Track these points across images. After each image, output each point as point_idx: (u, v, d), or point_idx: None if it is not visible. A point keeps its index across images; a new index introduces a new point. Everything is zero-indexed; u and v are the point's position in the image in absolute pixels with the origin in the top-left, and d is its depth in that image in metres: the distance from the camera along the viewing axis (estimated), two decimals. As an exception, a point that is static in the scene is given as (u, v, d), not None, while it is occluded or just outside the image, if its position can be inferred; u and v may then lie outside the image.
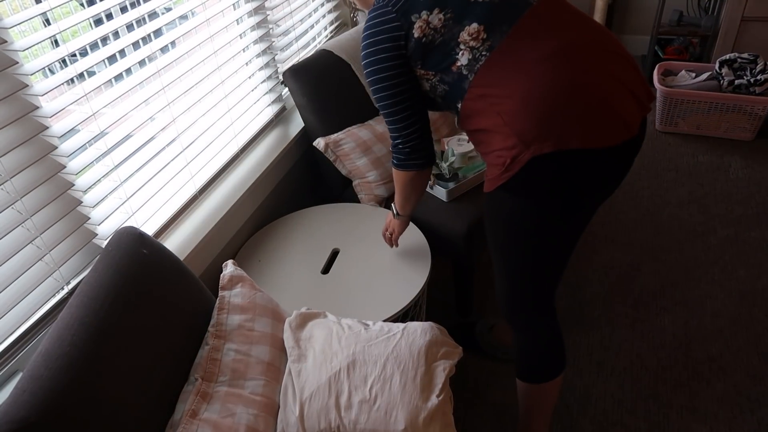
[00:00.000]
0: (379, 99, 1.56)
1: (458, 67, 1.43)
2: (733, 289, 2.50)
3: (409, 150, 1.62)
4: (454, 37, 1.42)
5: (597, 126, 1.34)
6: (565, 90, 1.34)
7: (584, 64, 1.36)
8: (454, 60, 1.43)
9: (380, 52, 1.49)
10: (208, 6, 1.95)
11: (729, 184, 3.15)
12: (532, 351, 1.73)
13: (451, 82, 1.46)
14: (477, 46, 1.40)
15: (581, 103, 1.34)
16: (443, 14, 1.42)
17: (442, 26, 1.42)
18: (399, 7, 1.45)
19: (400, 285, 1.86)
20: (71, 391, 1.07)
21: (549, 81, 1.34)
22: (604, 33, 1.45)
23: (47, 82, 1.39)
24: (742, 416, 2.00)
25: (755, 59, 3.41)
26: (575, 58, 1.36)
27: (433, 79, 1.49)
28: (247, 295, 1.51)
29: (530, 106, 1.35)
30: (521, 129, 1.36)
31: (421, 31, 1.43)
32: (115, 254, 1.33)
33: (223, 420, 1.25)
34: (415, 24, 1.43)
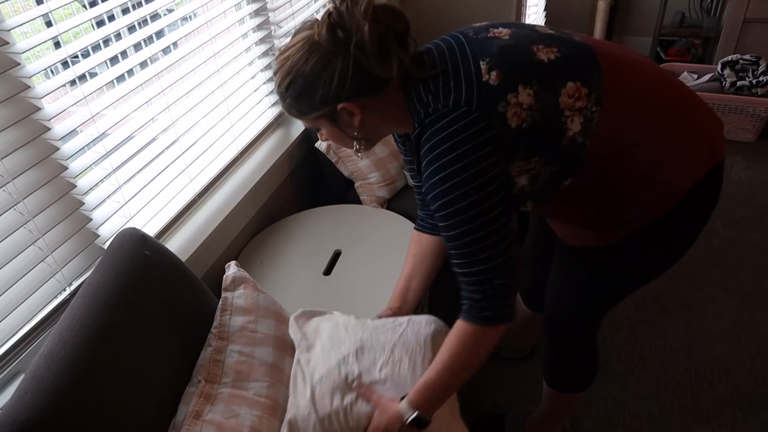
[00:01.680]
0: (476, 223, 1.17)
1: (572, 137, 1.18)
2: (735, 291, 2.50)
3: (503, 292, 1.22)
4: (554, 107, 1.17)
5: (716, 139, 1.29)
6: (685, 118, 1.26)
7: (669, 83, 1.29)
8: (564, 131, 1.18)
9: (482, 167, 1.14)
10: (210, 7, 1.95)
11: (731, 185, 3.15)
12: (573, 365, 1.72)
13: (562, 158, 1.21)
14: (584, 105, 1.17)
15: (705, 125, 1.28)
16: (530, 89, 1.15)
17: (536, 101, 1.15)
18: (478, 103, 1.14)
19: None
20: (73, 393, 1.07)
21: (666, 112, 1.25)
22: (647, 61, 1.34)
23: (49, 83, 1.39)
24: (743, 418, 2.00)
25: (757, 60, 3.41)
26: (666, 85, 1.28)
27: (536, 166, 1.21)
28: (250, 297, 1.50)
29: (675, 142, 1.24)
30: (674, 169, 1.25)
31: (518, 118, 1.15)
32: (117, 256, 1.33)
33: (227, 421, 1.25)
34: (508, 113, 1.14)
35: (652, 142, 1.22)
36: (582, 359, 1.71)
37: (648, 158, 1.23)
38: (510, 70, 1.16)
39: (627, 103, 1.22)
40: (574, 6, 4.57)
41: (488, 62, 1.16)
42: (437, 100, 1.16)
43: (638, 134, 1.22)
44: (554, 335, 1.67)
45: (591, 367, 1.74)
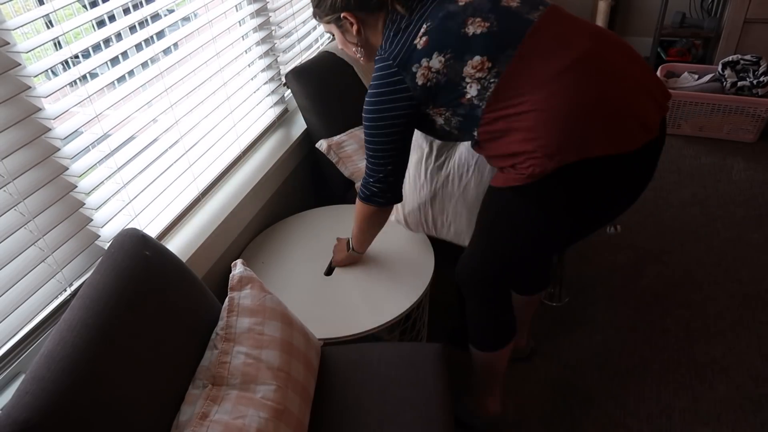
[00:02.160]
0: (371, 137, 1.59)
1: (468, 99, 1.45)
2: (736, 291, 2.50)
3: (382, 187, 1.66)
4: (458, 74, 1.43)
5: (618, 131, 1.37)
6: (585, 100, 1.36)
7: (602, 71, 1.38)
8: (462, 94, 1.45)
9: (386, 105, 1.52)
10: (211, 8, 1.95)
11: (732, 185, 3.15)
12: (485, 322, 1.80)
13: (464, 113, 1.48)
14: (484, 76, 1.41)
15: (602, 111, 1.36)
16: (443, 56, 1.43)
17: (444, 67, 1.43)
18: (399, 62, 1.48)
19: (404, 287, 1.86)
20: (74, 393, 1.07)
21: (569, 92, 1.36)
22: (613, 38, 1.47)
23: (50, 84, 1.39)
24: (744, 418, 2.00)
25: (758, 61, 3.41)
26: (592, 66, 1.38)
27: (446, 113, 1.51)
28: (257, 298, 1.50)
29: (552, 119, 1.36)
30: (544, 141, 1.38)
31: (424, 77, 1.45)
32: (117, 256, 1.33)
33: (234, 421, 1.25)
34: (417, 73, 1.45)
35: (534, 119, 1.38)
36: (492, 313, 1.78)
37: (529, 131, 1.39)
38: (436, 38, 1.44)
39: (522, 83, 1.39)
40: (575, 6, 4.57)
41: (427, 27, 1.45)
42: (386, 46, 1.51)
43: (525, 107, 1.39)
44: (464, 286, 1.78)
45: (504, 324, 1.80)
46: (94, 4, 1.52)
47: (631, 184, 1.49)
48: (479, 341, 1.83)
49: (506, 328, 1.81)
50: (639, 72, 1.43)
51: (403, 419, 1.48)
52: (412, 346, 1.69)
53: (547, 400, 2.12)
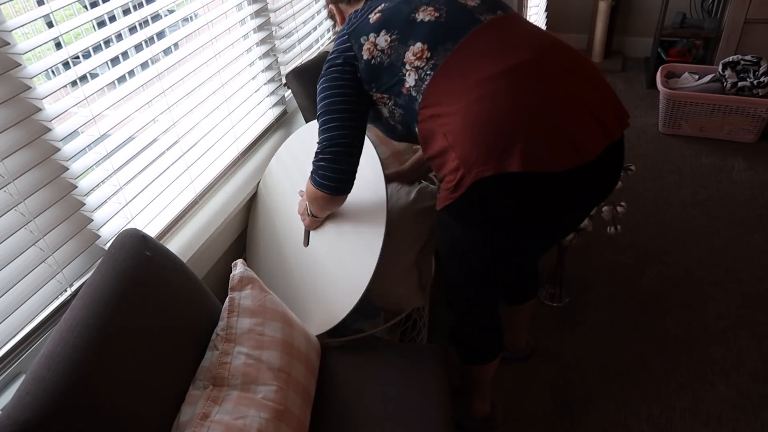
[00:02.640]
0: (320, 107, 1.53)
1: (407, 89, 1.44)
2: (736, 292, 2.50)
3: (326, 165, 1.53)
4: (399, 57, 1.43)
5: (542, 148, 1.28)
6: (510, 111, 1.29)
7: (537, 84, 1.31)
8: (402, 81, 1.44)
9: (333, 70, 1.52)
10: (211, 8, 1.95)
11: (732, 186, 3.15)
12: (468, 338, 1.80)
13: (403, 104, 1.47)
14: (422, 66, 1.41)
15: (527, 124, 1.29)
16: (389, 36, 1.45)
17: (389, 47, 1.44)
18: (352, 30, 1.51)
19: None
20: (74, 394, 1.07)
21: (493, 101, 1.30)
22: (568, 53, 1.40)
23: (50, 84, 1.39)
24: (745, 418, 2.00)
25: (758, 61, 3.41)
26: (526, 78, 1.32)
27: (389, 102, 1.51)
28: (257, 298, 1.50)
29: (473, 128, 1.31)
30: (463, 151, 1.32)
31: (369, 53, 1.47)
32: (118, 256, 1.33)
33: (235, 422, 1.25)
34: (364, 46, 1.47)
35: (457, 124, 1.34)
36: (473, 330, 1.77)
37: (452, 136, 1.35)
38: (387, 17, 1.47)
39: (454, 82, 1.36)
40: (575, 7, 4.57)
41: (384, 6, 1.50)
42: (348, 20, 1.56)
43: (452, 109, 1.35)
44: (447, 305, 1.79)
45: (488, 340, 1.79)
46: (94, 4, 1.52)
47: (566, 204, 1.38)
48: (465, 355, 1.84)
49: (491, 344, 1.81)
50: (586, 92, 1.35)
51: (403, 419, 1.48)
52: (412, 346, 1.69)
53: (548, 400, 2.12)
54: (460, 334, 1.81)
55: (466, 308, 1.72)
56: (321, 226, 1.85)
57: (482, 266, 1.55)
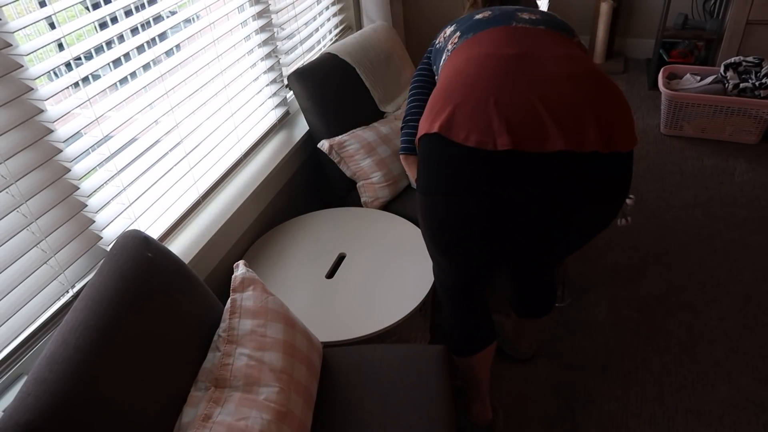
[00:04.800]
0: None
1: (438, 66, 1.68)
2: (738, 293, 2.49)
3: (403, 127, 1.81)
4: (446, 42, 1.66)
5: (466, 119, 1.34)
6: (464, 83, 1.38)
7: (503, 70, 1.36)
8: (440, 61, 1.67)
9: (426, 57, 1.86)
10: (213, 9, 1.95)
11: (734, 187, 3.14)
12: (455, 328, 1.81)
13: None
14: (449, 48, 1.61)
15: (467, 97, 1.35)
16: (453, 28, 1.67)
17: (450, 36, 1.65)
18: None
19: (406, 289, 1.86)
20: (75, 395, 1.07)
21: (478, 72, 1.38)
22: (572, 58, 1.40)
23: (52, 85, 1.39)
24: (747, 420, 2.00)
25: (760, 62, 3.41)
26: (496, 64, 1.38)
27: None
28: (259, 299, 1.50)
29: (447, 89, 1.41)
30: (432, 105, 1.43)
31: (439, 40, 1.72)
32: (119, 257, 1.33)
33: (237, 423, 1.25)
34: (439, 35, 1.74)
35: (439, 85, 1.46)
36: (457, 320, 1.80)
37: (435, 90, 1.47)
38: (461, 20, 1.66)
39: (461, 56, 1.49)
40: (577, 8, 4.57)
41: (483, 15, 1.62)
42: None
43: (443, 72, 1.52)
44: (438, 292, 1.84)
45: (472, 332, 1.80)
46: (96, 6, 1.52)
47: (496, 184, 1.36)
48: (452, 346, 1.84)
49: (477, 335, 1.80)
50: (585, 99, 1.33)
51: (405, 420, 1.48)
52: (414, 347, 1.69)
53: (550, 401, 2.12)
54: (447, 325, 1.83)
55: (449, 293, 1.76)
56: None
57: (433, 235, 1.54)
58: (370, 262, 1.98)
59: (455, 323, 1.80)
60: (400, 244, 2.04)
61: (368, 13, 2.89)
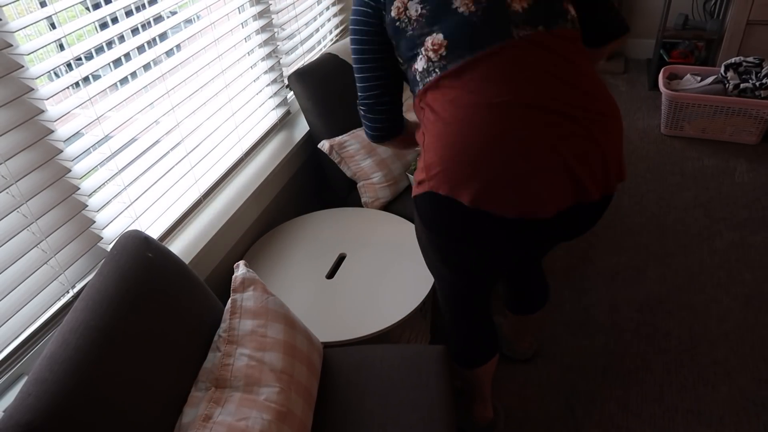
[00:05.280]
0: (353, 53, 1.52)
1: (415, 70, 1.41)
2: (739, 293, 2.49)
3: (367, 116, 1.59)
4: (421, 38, 1.37)
5: (499, 191, 1.28)
6: (483, 148, 1.27)
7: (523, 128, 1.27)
8: (415, 59, 1.40)
9: (360, 19, 1.46)
10: (214, 10, 1.95)
11: (734, 187, 3.14)
12: (460, 342, 1.79)
13: (409, 79, 1.46)
14: (433, 59, 1.35)
15: (495, 164, 1.27)
16: (421, 7, 1.36)
17: (415, 20, 1.37)
18: None
19: (406, 290, 1.86)
20: (76, 395, 1.07)
21: (475, 131, 1.28)
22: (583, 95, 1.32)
23: (52, 85, 1.39)
24: (747, 420, 2.00)
25: (761, 63, 3.40)
26: (516, 118, 1.27)
27: (404, 66, 1.47)
28: (259, 299, 1.50)
29: (446, 147, 1.31)
30: (430, 161, 1.34)
31: (397, 12, 1.39)
32: (120, 258, 1.33)
33: (237, 423, 1.25)
34: (394, 3, 1.39)
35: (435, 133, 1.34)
36: (461, 334, 1.77)
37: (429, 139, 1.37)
38: None
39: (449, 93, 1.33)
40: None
41: None
42: None
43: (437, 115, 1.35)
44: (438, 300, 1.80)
45: (476, 345, 1.78)
46: (97, 6, 1.52)
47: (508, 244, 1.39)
48: (457, 358, 1.83)
49: (481, 348, 1.79)
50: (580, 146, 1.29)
51: (406, 421, 1.48)
52: (414, 347, 1.69)
53: (550, 401, 2.12)
54: (451, 338, 1.81)
55: (448, 307, 1.73)
56: None
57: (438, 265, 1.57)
58: (371, 262, 1.98)
59: (464, 337, 1.78)
60: (400, 245, 2.04)
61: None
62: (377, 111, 1.56)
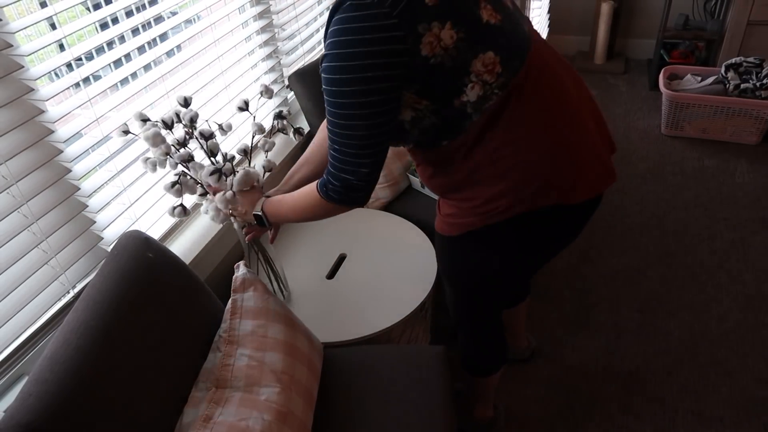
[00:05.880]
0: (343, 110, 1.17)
1: (462, 103, 1.20)
2: (739, 293, 2.49)
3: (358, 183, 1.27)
4: (465, 64, 1.16)
5: (591, 178, 1.34)
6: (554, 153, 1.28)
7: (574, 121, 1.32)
8: (461, 93, 1.18)
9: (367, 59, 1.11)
10: (214, 10, 1.95)
11: (735, 187, 3.14)
12: (474, 352, 1.81)
13: (447, 116, 1.23)
14: (490, 81, 1.18)
15: (563, 164, 1.29)
16: (455, 32, 1.13)
17: (454, 48, 1.13)
18: (400, 11, 1.08)
19: (407, 290, 1.86)
20: (77, 395, 1.07)
21: (548, 137, 1.27)
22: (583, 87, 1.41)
23: (53, 86, 1.39)
24: (748, 420, 2.00)
25: (761, 63, 3.40)
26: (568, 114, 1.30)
27: (421, 108, 1.22)
28: (259, 300, 1.50)
29: (526, 163, 1.27)
30: (518, 182, 1.28)
31: (431, 49, 1.12)
32: (120, 258, 1.33)
33: (238, 423, 1.25)
34: (424, 38, 1.10)
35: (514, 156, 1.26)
36: (480, 345, 1.79)
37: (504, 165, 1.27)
38: (450, 3, 1.12)
39: (515, 110, 1.24)
40: (578, 8, 4.57)
41: None
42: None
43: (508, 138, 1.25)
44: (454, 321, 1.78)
45: (492, 355, 1.82)
46: (97, 7, 1.52)
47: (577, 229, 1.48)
48: (470, 368, 1.85)
49: (497, 356, 1.82)
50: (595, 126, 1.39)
51: (406, 421, 1.48)
52: (414, 348, 1.69)
53: (551, 402, 2.12)
54: (466, 349, 1.82)
55: (477, 327, 1.74)
56: None
57: (498, 284, 1.57)
58: (371, 262, 1.98)
59: (484, 350, 1.80)
60: (400, 245, 2.04)
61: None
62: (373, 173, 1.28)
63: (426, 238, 2.07)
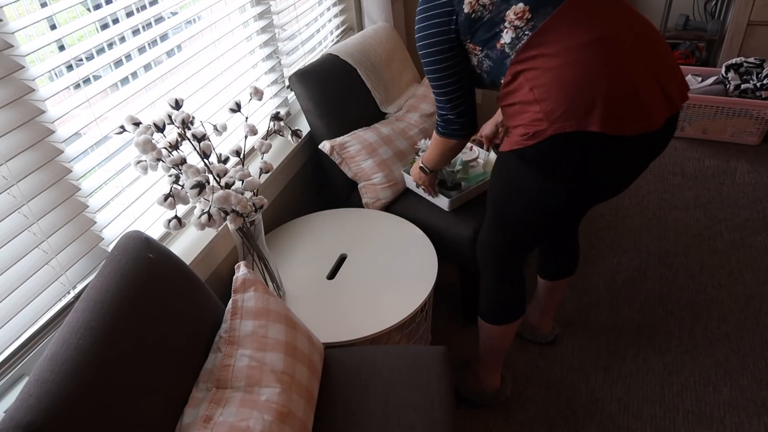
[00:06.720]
0: (429, 72, 1.65)
1: (502, 45, 1.50)
2: (739, 294, 2.49)
3: (454, 120, 1.71)
4: (500, 14, 1.48)
5: (619, 113, 1.40)
6: (595, 78, 1.39)
7: (619, 55, 1.40)
8: (498, 37, 1.50)
9: (431, 27, 1.58)
10: (215, 10, 1.95)
11: (735, 188, 3.14)
12: (496, 296, 1.87)
13: (494, 58, 1.54)
14: (521, 26, 1.46)
15: (609, 91, 1.39)
16: None
17: (491, 3, 1.49)
18: None
19: (407, 290, 1.86)
20: (77, 396, 1.07)
21: (582, 67, 1.40)
22: (644, 25, 1.49)
23: (53, 86, 1.39)
24: (748, 421, 2.00)
25: (761, 63, 3.40)
26: (611, 48, 1.41)
27: (479, 54, 1.57)
28: (260, 300, 1.50)
29: (561, 88, 1.41)
30: (549, 107, 1.43)
31: (471, 6, 1.51)
32: (121, 258, 1.33)
33: (238, 424, 1.25)
34: (465, 0, 1.51)
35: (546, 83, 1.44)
36: (503, 287, 1.86)
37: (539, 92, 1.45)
38: None
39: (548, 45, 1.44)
40: None
41: None
42: None
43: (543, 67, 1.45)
44: (481, 261, 1.89)
45: (515, 299, 1.88)
46: (97, 7, 1.52)
47: (626, 168, 1.53)
48: (489, 314, 1.89)
49: (515, 304, 1.87)
50: (658, 63, 1.45)
51: (406, 421, 1.48)
52: (415, 348, 1.69)
53: (551, 401, 2.12)
54: (487, 294, 1.88)
55: (501, 261, 1.81)
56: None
57: (532, 211, 1.64)
58: (372, 263, 1.98)
59: (502, 291, 1.86)
60: (401, 245, 2.04)
61: (369, 14, 2.89)
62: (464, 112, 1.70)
63: (426, 238, 2.07)
